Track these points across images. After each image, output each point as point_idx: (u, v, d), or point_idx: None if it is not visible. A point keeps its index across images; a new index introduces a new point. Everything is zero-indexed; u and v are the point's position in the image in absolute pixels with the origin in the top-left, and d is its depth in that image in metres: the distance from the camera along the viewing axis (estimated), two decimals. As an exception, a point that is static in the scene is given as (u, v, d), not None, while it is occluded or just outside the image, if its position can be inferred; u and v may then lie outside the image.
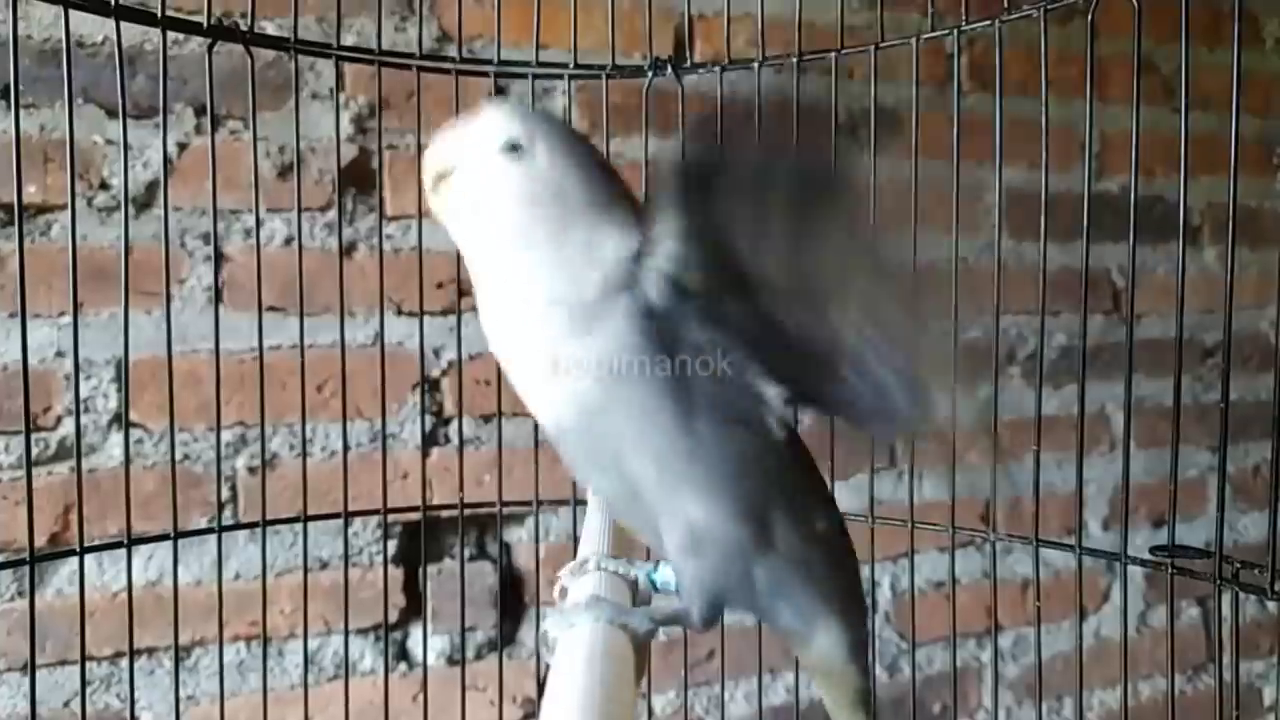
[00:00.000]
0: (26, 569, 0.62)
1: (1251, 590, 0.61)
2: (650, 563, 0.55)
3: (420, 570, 1.00)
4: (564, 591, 0.54)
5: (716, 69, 0.81)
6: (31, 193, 0.87)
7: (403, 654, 1.01)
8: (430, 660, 1.00)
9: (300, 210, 0.79)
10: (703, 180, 0.46)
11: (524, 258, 0.49)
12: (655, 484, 0.48)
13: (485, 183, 0.50)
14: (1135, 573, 0.71)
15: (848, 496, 1.13)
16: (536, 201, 0.49)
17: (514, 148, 0.49)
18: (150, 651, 0.91)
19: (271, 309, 0.85)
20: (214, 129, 0.69)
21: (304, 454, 0.80)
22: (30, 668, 0.62)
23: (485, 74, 0.81)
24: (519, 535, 1.06)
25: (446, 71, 0.80)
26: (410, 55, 0.79)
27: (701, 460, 0.47)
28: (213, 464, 0.93)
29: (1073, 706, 1.32)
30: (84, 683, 0.66)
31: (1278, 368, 0.59)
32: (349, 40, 0.76)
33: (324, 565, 0.97)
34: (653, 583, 0.54)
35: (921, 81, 0.76)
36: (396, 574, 0.99)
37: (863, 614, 0.54)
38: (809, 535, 0.50)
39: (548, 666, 0.45)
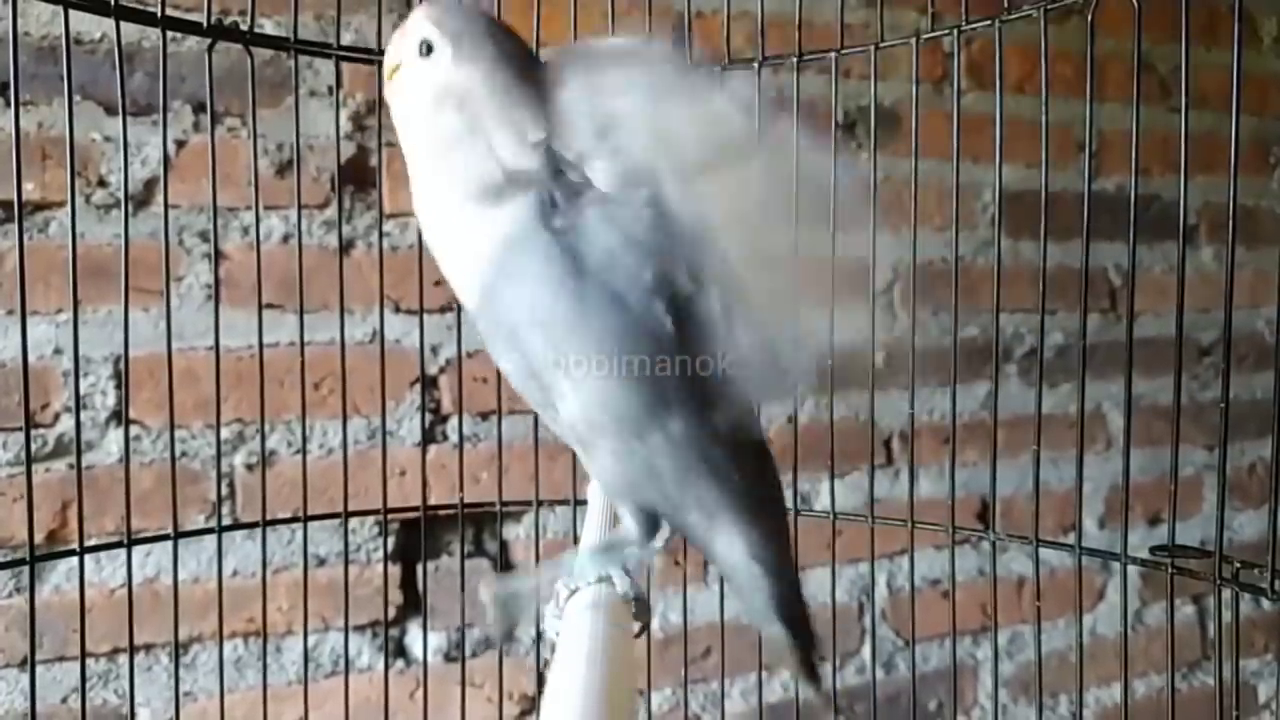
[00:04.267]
0: (24, 567, 0.62)
1: (1251, 590, 0.62)
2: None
3: (420, 567, 1.00)
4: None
5: (716, 68, 0.81)
6: (29, 190, 0.86)
7: (401, 651, 1.01)
8: (428, 657, 1.01)
9: (299, 208, 0.79)
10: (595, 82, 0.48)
11: (435, 154, 0.51)
12: (545, 357, 0.49)
13: (408, 83, 0.52)
14: (1131, 571, 0.71)
15: (846, 495, 1.15)
16: (440, 102, 0.51)
17: (428, 48, 0.51)
18: (148, 648, 0.91)
19: (270, 306, 0.85)
20: (213, 127, 0.68)
21: (303, 451, 0.80)
22: (30, 665, 0.62)
23: (484, 72, 0.81)
24: (516, 533, 1.06)
25: (446, 69, 0.80)
26: (409, 53, 0.79)
27: (590, 331, 0.48)
28: (209, 461, 0.93)
29: (1067, 705, 1.32)
30: (84, 680, 0.66)
31: (1278, 367, 0.59)
32: (347, 39, 0.76)
33: (321, 562, 0.97)
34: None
35: (920, 81, 0.76)
36: (394, 571, 0.99)
37: (774, 515, 0.53)
38: (708, 428, 0.50)
39: (546, 663, 0.45)
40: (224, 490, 0.94)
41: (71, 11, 0.61)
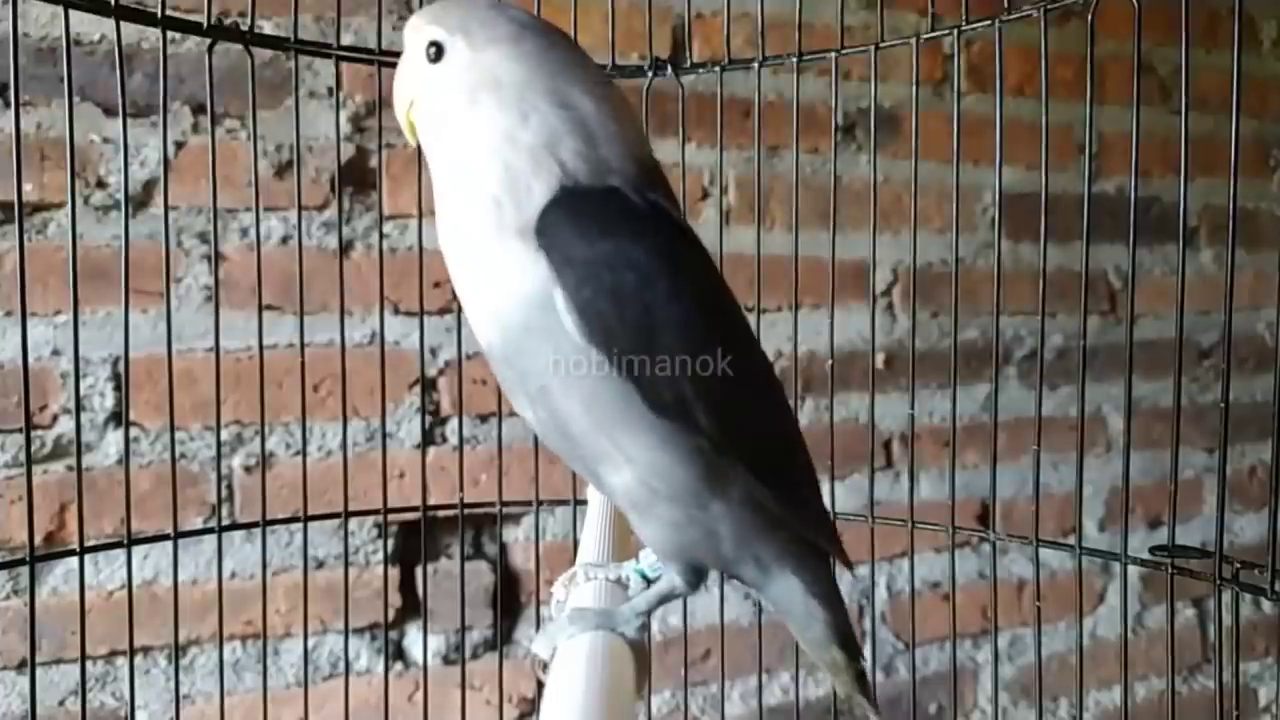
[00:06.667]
0: (22, 568, 0.62)
1: (1251, 591, 0.62)
2: (633, 559, 0.53)
3: (420, 570, 1.00)
4: (559, 605, 0.52)
5: (716, 69, 0.81)
6: (28, 191, 0.86)
7: (400, 653, 1.01)
8: (428, 660, 1.00)
9: (299, 209, 0.79)
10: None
11: (460, 164, 0.44)
12: (585, 422, 0.44)
13: (423, 94, 0.46)
14: (1131, 573, 0.71)
15: (846, 496, 1.14)
16: (474, 101, 0.44)
17: (436, 51, 0.45)
18: (147, 650, 0.91)
19: (269, 308, 0.85)
20: (213, 128, 0.68)
21: (303, 453, 0.79)
22: (30, 666, 0.61)
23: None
24: (516, 535, 1.06)
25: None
26: (409, 54, 0.79)
27: (638, 414, 0.43)
28: (208, 463, 0.93)
29: (1067, 707, 1.32)
30: (83, 682, 0.66)
31: (1278, 369, 0.59)
32: (347, 40, 0.76)
33: (320, 564, 0.97)
34: (644, 576, 0.52)
35: (920, 82, 0.76)
36: (393, 573, 0.99)
37: (817, 551, 0.51)
38: (767, 489, 0.46)
39: (545, 666, 0.44)
40: (223, 492, 0.94)
41: (71, 12, 0.61)
